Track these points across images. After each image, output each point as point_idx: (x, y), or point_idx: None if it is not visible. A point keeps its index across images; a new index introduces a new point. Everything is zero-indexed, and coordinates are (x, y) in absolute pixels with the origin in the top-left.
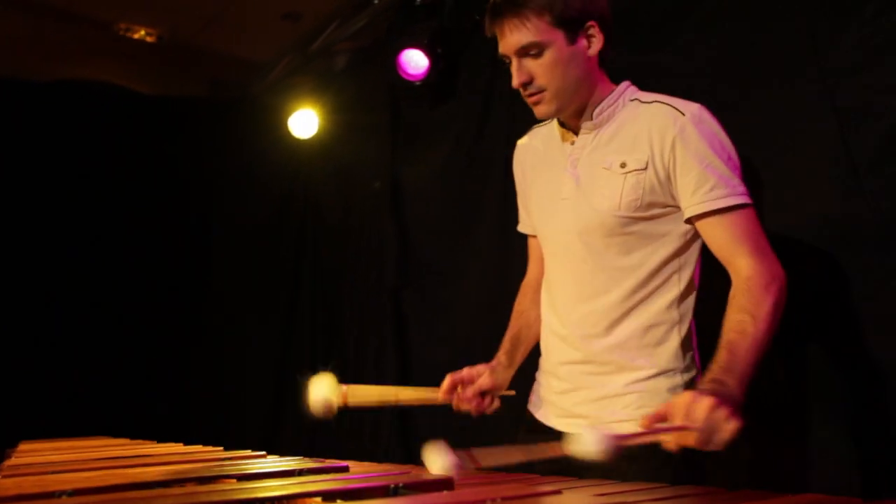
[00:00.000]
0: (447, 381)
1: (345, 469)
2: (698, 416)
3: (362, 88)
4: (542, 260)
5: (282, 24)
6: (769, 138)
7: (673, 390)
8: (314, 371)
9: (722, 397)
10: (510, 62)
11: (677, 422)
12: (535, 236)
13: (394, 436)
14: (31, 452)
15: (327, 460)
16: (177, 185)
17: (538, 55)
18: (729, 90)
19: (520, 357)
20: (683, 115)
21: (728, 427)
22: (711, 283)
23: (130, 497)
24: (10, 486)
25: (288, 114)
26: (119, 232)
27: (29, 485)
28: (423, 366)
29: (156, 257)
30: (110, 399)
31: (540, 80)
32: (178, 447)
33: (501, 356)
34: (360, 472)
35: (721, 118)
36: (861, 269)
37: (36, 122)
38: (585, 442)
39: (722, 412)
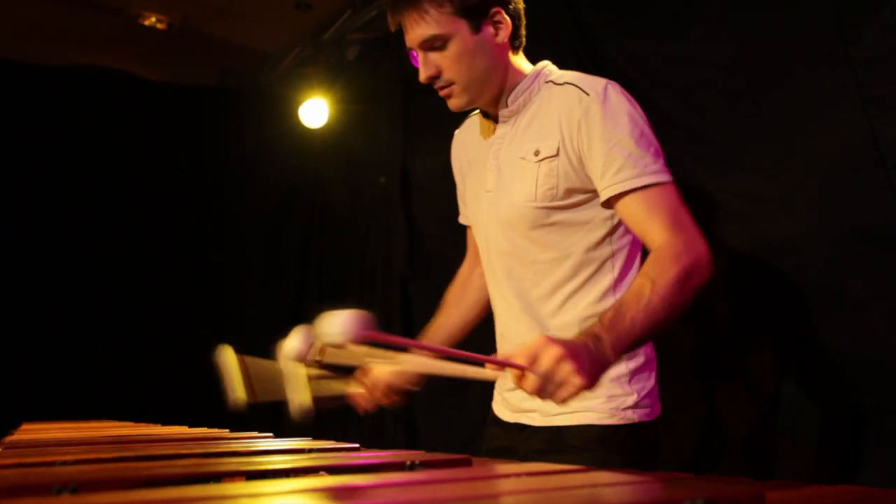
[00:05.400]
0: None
1: (356, 449)
2: (541, 361)
3: (374, 79)
4: (476, 253)
5: (293, 14)
6: (795, 127)
7: (616, 380)
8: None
9: (577, 351)
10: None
11: (520, 362)
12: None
13: (400, 426)
14: (34, 431)
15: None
16: (184, 173)
17: (443, 48)
18: (754, 79)
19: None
20: (588, 94)
21: (571, 381)
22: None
23: (133, 467)
24: (10, 455)
25: (298, 103)
26: (125, 219)
27: (29, 455)
28: None
29: (161, 246)
30: (111, 388)
31: (448, 74)
32: (183, 429)
33: None
34: (372, 452)
35: (746, 107)
36: (887, 263)
37: (44, 107)
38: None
39: (568, 366)
